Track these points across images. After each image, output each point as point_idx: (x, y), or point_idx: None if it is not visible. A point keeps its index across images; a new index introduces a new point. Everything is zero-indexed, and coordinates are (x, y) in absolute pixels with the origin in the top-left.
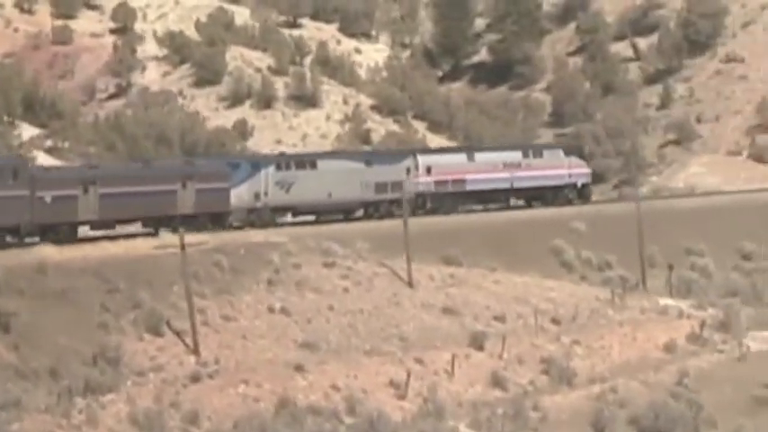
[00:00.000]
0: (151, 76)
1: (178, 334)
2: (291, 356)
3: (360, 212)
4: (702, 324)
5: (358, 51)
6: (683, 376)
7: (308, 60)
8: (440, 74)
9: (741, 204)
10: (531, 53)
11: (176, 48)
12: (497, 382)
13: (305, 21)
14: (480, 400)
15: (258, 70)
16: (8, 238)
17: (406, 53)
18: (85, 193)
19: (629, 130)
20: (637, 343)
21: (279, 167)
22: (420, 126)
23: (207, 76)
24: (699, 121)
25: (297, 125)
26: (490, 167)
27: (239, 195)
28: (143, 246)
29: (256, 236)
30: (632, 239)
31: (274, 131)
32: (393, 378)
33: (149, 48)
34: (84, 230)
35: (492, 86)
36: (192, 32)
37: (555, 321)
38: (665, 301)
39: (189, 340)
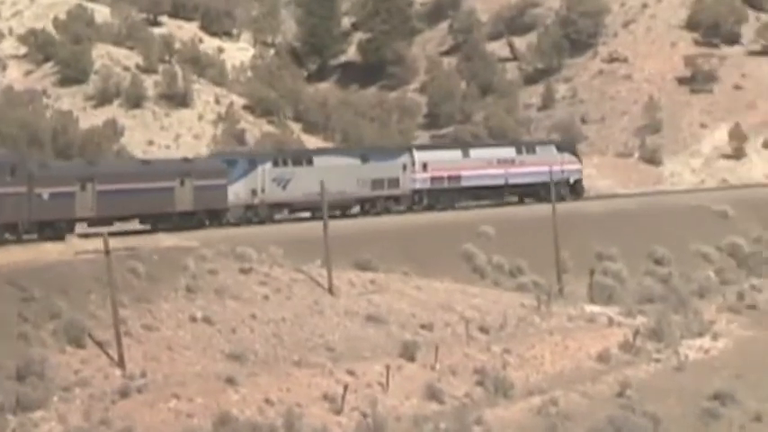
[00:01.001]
0: (12, 75)
1: (101, 345)
2: (220, 368)
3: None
4: (636, 332)
5: (221, 50)
6: (624, 387)
7: (176, 59)
8: (306, 74)
9: (644, 207)
10: (403, 53)
11: (39, 46)
12: (433, 394)
13: (165, 19)
14: (420, 415)
15: (126, 69)
16: (7, 236)
17: (271, 52)
18: (83, 190)
19: (511, 131)
20: (569, 352)
21: (275, 164)
22: (295, 127)
23: (72, 74)
24: (584, 121)
25: (169, 125)
26: (485, 164)
27: (236, 192)
28: (53, 251)
29: (166, 240)
30: (541, 244)
31: (145, 131)
32: (326, 391)
33: (7, 46)
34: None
35: (363, 86)
36: (51, 30)
37: (483, 330)
38: (591, 308)
39: (112, 352)
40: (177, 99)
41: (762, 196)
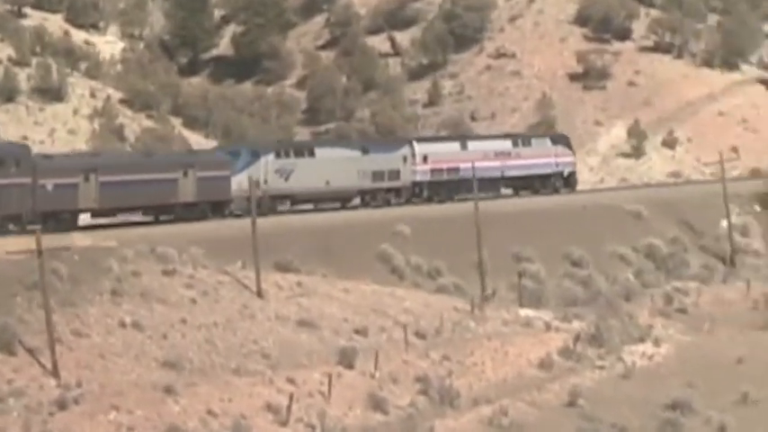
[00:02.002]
0: None
1: (32, 352)
2: (156, 377)
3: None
4: (577, 338)
5: (89, 43)
6: (573, 397)
7: (49, 51)
8: (176, 67)
9: (551, 206)
10: (278, 46)
11: None
12: (377, 404)
13: (29, 11)
14: (367, 426)
15: None
16: (11, 227)
17: (140, 45)
18: (86, 181)
19: (399, 128)
20: (509, 359)
21: (278, 155)
22: (175, 122)
23: None
24: (473, 118)
25: (43, 120)
26: (482, 156)
27: (239, 183)
28: None
29: (82, 240)
30: (457, 244)
31: (19, 126)
32: (269, 401)
33: None
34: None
35: (238, 81)
36: None
37: (419, 335)
38: (526, 311)
39: (44, 359)
40: (51, 93)
41: (671, 196)
